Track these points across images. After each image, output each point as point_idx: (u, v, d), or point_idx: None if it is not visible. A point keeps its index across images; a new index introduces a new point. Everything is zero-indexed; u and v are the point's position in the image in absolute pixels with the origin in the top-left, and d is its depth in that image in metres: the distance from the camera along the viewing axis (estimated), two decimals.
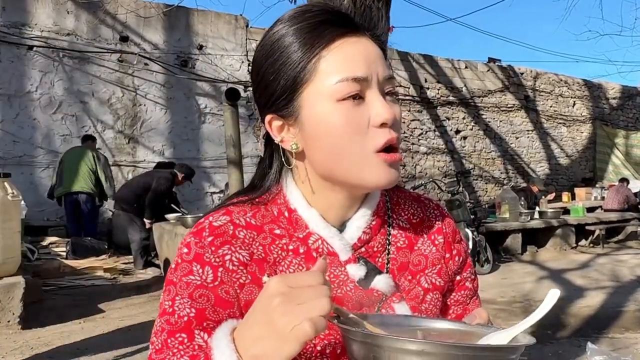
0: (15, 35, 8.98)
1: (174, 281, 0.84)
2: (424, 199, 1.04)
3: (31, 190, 8.86)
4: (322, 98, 0.82)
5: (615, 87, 18.06)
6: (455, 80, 14.13)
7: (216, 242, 0.85)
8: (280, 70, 0.84)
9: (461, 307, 1.00)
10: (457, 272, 1.00)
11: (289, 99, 0.85)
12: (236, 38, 11.09)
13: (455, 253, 1.00)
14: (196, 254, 0.84)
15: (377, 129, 0.82)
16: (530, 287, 6.94)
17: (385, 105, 0.82)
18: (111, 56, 9.82)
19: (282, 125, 0.88)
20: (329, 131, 0.83)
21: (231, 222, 0.88)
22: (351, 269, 0.88)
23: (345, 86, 0.81)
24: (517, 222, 9.34)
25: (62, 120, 9.39)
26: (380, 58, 0.85)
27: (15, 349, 4.46)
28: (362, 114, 0.82)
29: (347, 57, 0.82)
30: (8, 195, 5.24)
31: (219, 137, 10.38)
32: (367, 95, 0.82)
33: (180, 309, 0.81)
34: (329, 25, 0.83)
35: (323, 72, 0.82)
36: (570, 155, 16.67)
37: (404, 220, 0.98)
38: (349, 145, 0.82)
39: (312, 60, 0.82)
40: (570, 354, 4.29)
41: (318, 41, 0.82)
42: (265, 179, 0.95)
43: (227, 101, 5.78)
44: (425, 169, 13.53)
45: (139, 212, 7.75)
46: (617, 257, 9.37)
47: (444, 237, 0.99)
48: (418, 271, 0.95)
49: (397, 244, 0.95)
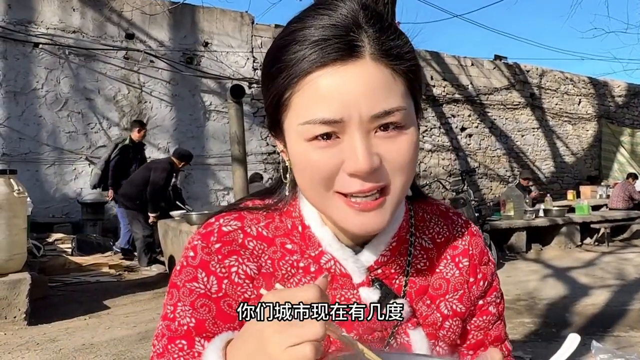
0: (21, 33, 9.01)
1: (178, 285, 0.82)
2: (452, 214, 0.97)
3: (37, 187, 8.90)
4: (294, 134, 0.75)
5: (621, 85, 18.00)
6: (461, 78, 14.10)
7: (224, 250, 0.82)
8: (269, 88, 0.77)
9: (482, 333, 0.94)
10: (481, 296, 0.93)
11: (275, 119, 0.79)
12: (242, 35, 11.10)
13: (481, 277, 0.92)
14: (202, 261, 0.82)
15: (348, 177, 0.72)
16: (534, 285, 6.93)
17: (363, 153, 0.70)
18: (117, 53, 9.85)
19: (278, 139, 0.83)
20: (299, 170, 0.77)
21: (242, 230, 0.84)
22: (364, 292, 0.82)
23: (311, 128, 0.71)
24: (521, 220, 9.32)
25: (68, 117, 9.42)
26: (373, 91, 0.71)
27: (21, 345, 4.49)
28: (334, 157, 0.72)
29: (319, 94, 0.71)
30: (14, 192, 5.26)
31: (223, 134, 10.39)
32: (345, 136, 0.71)
33: (181, 316, 0.80)
34: (315, 48, 0.71)
35: (294, 107, 0.74)
36: (575, 153, 16.63)
37: (428, 240, 0.91)
38: (314, 189, 0.76)
39: (287, 92, 0.74)
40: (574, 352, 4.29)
41: (296, 70, 0.72)
42: (282, 186, 0.89)
43: (232, 98, 5.78)
44: (430, 167, 13.51)
45: (142, 208, 7.74)
46: (622, 255, 9.34)
47: (469, 260, 0.91)
48: (438, 296, 0.88)
49: (417, 266, 0.88)
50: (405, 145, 0.74)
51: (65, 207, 9.27)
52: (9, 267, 5.14)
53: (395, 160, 0.73)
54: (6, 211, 5.15)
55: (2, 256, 5.07)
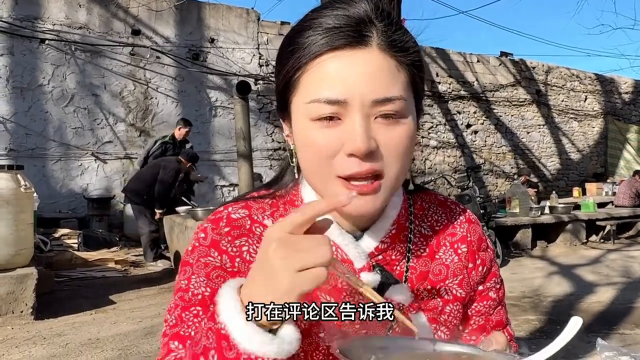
0: (27, 29, 9.04)
1: (190, 262, 0.84)
2: (451, 204, 1.00)
3: (43, 182, 8.94)
4: (300, 114, 0.79)
5: (628, 82, 17.91)
6: (467, 75, 14.07)
7: (233, 233, 0.85)
8: (280, 70, 0.82)
9: (483, 318, 0.97)
10: (480, 282, 0.96)
11: (283, 101, 0.84)
12: (247, 31, 11.10)
13: (480, 263, 0.95)
14: (213, 241, 0.84)
15: (347, 157, 0.76)
16: (540, 282, 6.92)
17: (361, 134, 0.74)
18: (123, 49, 9.87)
19: (286, 124, 0.87)
20: (302, 149, 0.81)
21: (249, 217, 0.88)
22: (365, 277, 0.83)
23: (317, 107, 0.76)
24: (527, 217, 9.31)
25: (74, 113, 9.44)
26: (376, 77, 0.76)
27: (28, 339, 4.52)
28: (335, 138, 0.76)
29: (325, 74, 0.76)
30: (21, 187, 5.29)
31: (229, 130, 10.41)
32: (347, 118, 0.76)
33: (195, 287, 0.81)
34: (327, 34, 0.76)
35: (303, 87, 0.78)
36: (581, 150, 16.57)
37: (427, 227, 0.94)
38: (314, 167, 0.80)
39: (297, 72, 0.78)
40: (579, 349, 4.28)
41: (307, 52, 0.77)
42: (285, 173, 0.94)
43: (237, 94, 5.79)
44: (435, 164, 13.50)
45: (149, 204, 7.77)
46: (628, 252, 9.31)
47: (467, 246, 0.95)
48: (438, 281, 0.91)
49: (417, 252, 0.91)
50: (402, 134, 0.78)
51: (71, 203, 9.31)
52: (16, 262, 5.16)
53: (392, 148, 0.77)
54: (13, 206, 5.18)
55: (9, 251, 5.10)
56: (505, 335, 0.95)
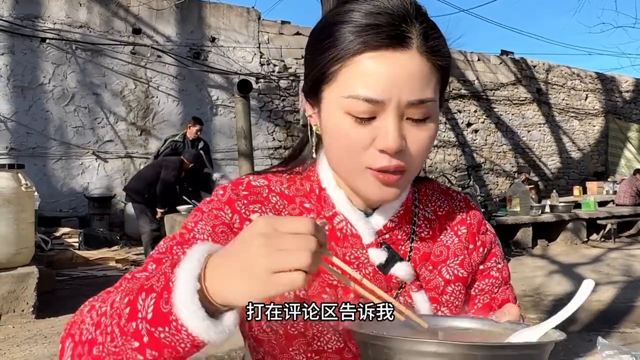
0: (28, 28, 9.04)
1: (203, 210, 0.88)
2: (452, 192, 1.05)
3: (44, 181, 8.95)
4: (334, 105, 0.82)
5: (629, 80, 17.89)
6: (468, 73, 14.06)
7: (250, 198, 0.90)
8: (315, 58, 0.85)
9: (487, 297, 0.98)
10: (481, 262, 0.99)
11: (315, 88, 0.86)
12: (248, 30, 11.10)
13: (480, 244, 0.99)
14: (229, 199, 0.89)
15: (377, 152, 0.80)
16: (540, 281, 6.93)
17: (393, 134, 0.78)
18: (124, 48, 9.87)
19: (310, 105, 0.90)
20: (333, 137, 0.84)
21: (267, 187, 0.92)
22: (372, 253, 0.89)
23: (354, 103, 0.79)
24: (527, 216, 9.30)
25: (75, 112, 9.45)
26: (414, 80, 0.78)
27: (29, 338, 4.52)
28: (367, 134, 0.80)
29: (367, 74, 0.78)
30: (22, 186, 5.29)
31: (230, 129, 10.41)
32: (380, 116, 0.79)
33: (198, 232, 0.84)
34: (370, 31, 0.78)
35: (341, 81, 0.80)
36: (582, 148, 16.56)
37: (430, 212, 0.99)
38: (345, 157, 0.83)
39: (336, 66, 0.80)
40: (580, 348, 4.29)
41: (349, 47, 0.79)
42: (303, 149, 0.99)
43: (238, 93, 5.79)
44: (436, 162, 13.49)
45: (150, 203, 7.79)
46: (629, 251, 9.31)
47: (467, 228, 0.99)
48: (439, 262, 0.95)
49: (421, 234, 0.95)
50: (427, 134, 0.83)
51: (72, 202, 9.32)
52: (17, 261, 5.17)
53: (417, 147, 0.82)
54: (14, 205, 5.18)
55: (10, 250, 5.11)
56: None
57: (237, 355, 4.19)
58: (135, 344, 0.65)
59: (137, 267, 0.84)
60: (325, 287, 0.87)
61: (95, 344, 0.68)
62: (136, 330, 0.65)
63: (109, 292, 0.77)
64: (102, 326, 0.68)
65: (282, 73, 11.41)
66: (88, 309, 0.74)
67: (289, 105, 11.50)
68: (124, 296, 0.69)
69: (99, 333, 0.68)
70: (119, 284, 0.79)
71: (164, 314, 0.63)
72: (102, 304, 0.72)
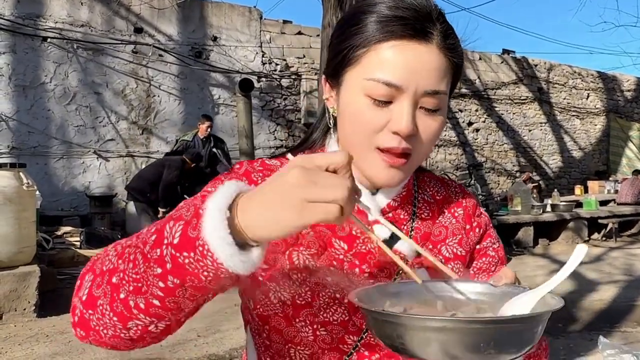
0: (29, 27, 9.04)
1: (222, 179, 0.89)
2: (448, 181, 1.12)
3: (45, 180, 8.95)
4: (355, 86, 0.88)
5: (630, 79, 17.87)
6: (469, 72, 14.04)
7: (265, 172, 0.95)
8: (341, 42, 0.90)
9: (485, 275, 1.03)
10: (478, 242, 1.05)
11: (336, 70, 0.92)
12: (250, 30, 11.09)
13: (476, 225, 1.05)
14: (246, 171, 0.94)
15: (389, 133, 0.86)
16: (542, 280, 6.88)
17: (407, 118, 0.84)
18: (125, 47, 9.86)
19: (330, 88, 0.96)
20: (349, 118, 0.90)
21: (280, 167, 0.91)
22: (377, 228, 0.93)
23: (374, 86, 0.85)
24: (529, 215, 9.31)
25: (76, 111, 9.45)
26: (432, 71, 0.85)
27: (31, 337, 4.53)
28: (382, 116, 0.86)
29: (389, 59, 0.84)
30: (23, 185, 5.30)
31: (232, 128, 10.41)
32: (397, 101, 0.85)
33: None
34: (397, 22, 0.84)
35: (364, 64, 0.87)
36: (583, 148, 16.55)
37: (429, 196, 1.05)
38: (358, 137, 0.89)
39: (361, 50, 0.87)
40: (581, 347, 4.29)
41: (375, 35, 0.85)
42: (316, 131, 1.05)
43: (240, 92, 5.81)
44: (436, 161, 13.49)
45: (151, 202, 7.81)
46: (630, 250, 9.32)
47: (463, 210, 1.05)
48: (439, 241, 1.00)
49: (421, 215, 1.01)
50: (437, 124, 0.89)
51: (73, 201, 9.32)
52: (18, 260, 5.18)
53: (426, 135, 0.88)
54: (16, 204, 5.19)
55: (11, 249, 5.12)
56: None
57: (238, 355, 4.20)
58: (157, 270, 0.65)
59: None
60: (332, 261, 0.91)
61: (116, 272, 0.69)
62: (160, 256, 0.65)
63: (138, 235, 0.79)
64: (125, 254, 0.70)
65: (283, 72, 11.41)
66: (113, 245, 0.77)
67: (291, 104, 11.50)
68: (151, 228, 0.71)
69: (121, 262, 0.69)
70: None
71: (190, 239, 0.63)
72: (128, 239, 0.74)
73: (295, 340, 0.91)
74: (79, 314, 0.73)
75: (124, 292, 0.68)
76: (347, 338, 0.90)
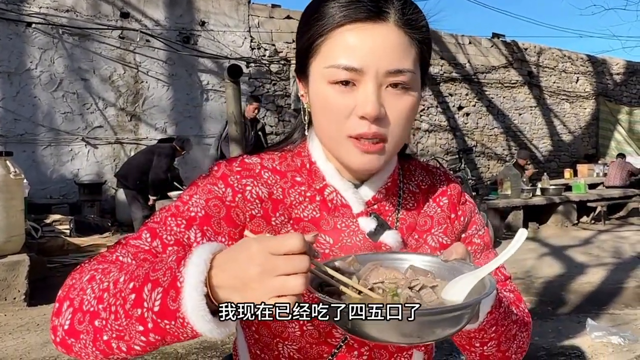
0: (13, 12, 8.91)
1: (199, 184, 0.93)
2: (433, 168, 1.12)
3: (33, 168, 8.88)
4: (319, 77, 0.88)
5: (620, 63, 17.92)
6: (459, 56, 14.02)
7: (243, 173, 0.94)
8: (303, 35, 0.91)
9: None
10: (463, 230, 1.06)
11: (303, 65, 0.93)
12: (238, 14, 10.99)
13: (461, 214, 1.06)
14: (223, 174, 0.94)
15: (358, 119, 0.85)
16: (531, 263, 6.97)
17: (372, 99, 0.84)
18: (112, 33, 9.75)
19: (302, 84, 0.96)
20: (319, 109, 0.90)
21: (260, 164, 0.97)
22: (362, 221, 0.94)
23: (335, 72, 0.85)
24: (518, 199, 9.35)
25: (63, 98, 9.36)
26: (391, 50, 0.84)
27: (21, 326, 4.52)
28: (348, 101, 0.85)
29: (346, 44, 0.84)
30: (10, 173, 5.26)
31: (221, 114, 10.35)
32: (361, 84, 0.85)
33: (193, 205, 0.89)
34: (351, 6, 0.84)
35: (323, 53, 0.87)
36: (573, 131, 16.61)
37: (414, 185, 1.06)
38: (328, 125, 0.89)
39: (319, 39, 0.87)
40: (570, 330, 4.32)
41: (330, 21, 0.85)
42: (295, 131, 1.05)
43: (229, 78, 5.75)
44: (427, 146, 13.50)
45: (142, 189, 7.78)
46: (619, 233, 9.39)
47: (448, 199, 1.05)
48: (424, 231, 1.01)
49: (407, 206, 1.02)
50: (407, 104, 0.88)
51: (62, 188, 9.26)
52: (7, 249, 5.15)
53: (397, 115, 0.87)
54: (3, 193, 5.15)
55: (0, 238, 5.08)
56: (499, 275, 1.07)
57: (229, 341, 4.21)
58: (139, 328, 0.70)
59: (132, 234, 0.89)
60: None
61: (97, 317, 0.73)
62: (141, 316, 0.69)
63: (104, 257, 0.85)
64: (105, 303, 0.73)
65: (272, 57, 11.34)
66: (88, 277, 0.78)
67: (280, 90, 11.44)
68: (128, 280, 0.72)
69: (102, 308, 0.73)
70: (114, 249, 0.86)
71: (171, 311, 0.67)
72: (103, 276, 0.77)
73: (283, 335, 0.91)
74: (60, 336, 0.76)
75: (107, 335, 0.73)
76: (335, 332, 0.91)
